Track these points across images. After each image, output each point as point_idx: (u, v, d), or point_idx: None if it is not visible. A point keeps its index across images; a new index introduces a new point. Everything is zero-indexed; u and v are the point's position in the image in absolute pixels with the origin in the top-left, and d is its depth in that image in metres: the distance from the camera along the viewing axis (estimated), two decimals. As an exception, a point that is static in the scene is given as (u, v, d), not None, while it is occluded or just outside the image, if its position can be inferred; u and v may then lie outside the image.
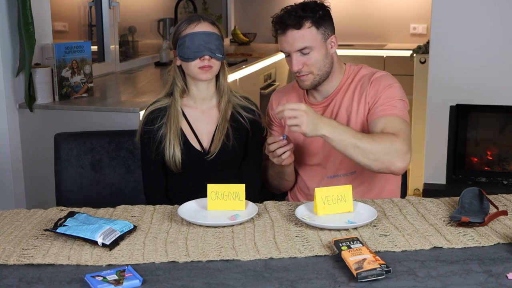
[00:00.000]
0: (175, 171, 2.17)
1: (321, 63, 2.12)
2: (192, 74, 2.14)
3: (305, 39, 2.08)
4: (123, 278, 1.44)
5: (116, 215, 1.89)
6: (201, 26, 2.12)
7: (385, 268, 1.46)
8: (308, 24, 2.08)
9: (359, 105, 2.15)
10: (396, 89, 2.13)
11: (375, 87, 2.13)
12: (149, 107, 2.22)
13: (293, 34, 2.09)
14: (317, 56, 2.10)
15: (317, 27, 2.09)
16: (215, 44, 2.11)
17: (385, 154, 1.93)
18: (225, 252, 1.60)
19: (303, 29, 2.08)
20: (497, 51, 3.79)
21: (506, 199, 2.00)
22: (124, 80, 4.04)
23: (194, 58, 2.10)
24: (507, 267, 1.51)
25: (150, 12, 5.47)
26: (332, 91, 2.20)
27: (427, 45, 4.38)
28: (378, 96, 2.11)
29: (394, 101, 2.10)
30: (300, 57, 2.10)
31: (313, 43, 2.09)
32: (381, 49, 5.96)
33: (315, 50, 2.10)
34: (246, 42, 6.51)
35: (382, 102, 2.10)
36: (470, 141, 4.05)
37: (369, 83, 2.15)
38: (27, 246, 1.65)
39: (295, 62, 2.11)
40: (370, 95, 2.13)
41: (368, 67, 2.24)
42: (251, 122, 2.22)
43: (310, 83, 2.15)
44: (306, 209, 1.88)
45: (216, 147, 2.16)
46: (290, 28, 2.08)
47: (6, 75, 3.00)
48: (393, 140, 1.95)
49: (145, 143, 2.19)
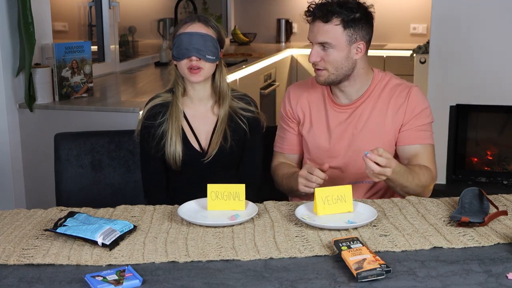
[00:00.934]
0: (174, 169, 2.16)
1: (338, 64, 2.09)
2: (183, 75, 2.15)
3: (328, 34, 2.06)
4: (123, 278, 1.44)
5: (116, 215, 1.88)
6: (194, 27, 2.12)
7: (385, 268, 1.46)
8: (336, 21, 2.05)
9: (394, 116, 2.14)
10: (429, 111, 2.18)
11: (413, 105, 2.14)
12: (150, 101, 2.22)
13: (319, 26, 2.07)
14: (336, 56, 2.07)
15: (344, 27, 2.05)
16: (205, 46, 2.10)
17: (424, 188, 2.09)
18: (225, 252, 1.60)
19: (330, 24, 2.05)
20: (497, 51, 3.79)
21: (506, 199, 2.00)
22: (124, 80, 4.04)
23: (182, 58, 2.10)
24: (507, 267, 1.51)
25: (150, 12, 5.47)
26: (359, 95, 2.17)
27: (427, 45, 4.39)
28: (414, 117, 2.13)
29: (427, 126, 2.15)
30: (320, 50, 2.09)
31: (334, 41, 2.06)
32: (381, 49, 5.96)
33: (335, 49, 2.07)
34: (246, 42, 6.51)
35: (417, 126, 2.13)
36: (470, 141, 4.05)
37: (407, 98, 2.14)
38: (27, 246, 1.65)
39: (313, 53, 2.09)
40: (408, 112, 2.14)
41: (395, 76, 2.24)
42: (249, 121, 2.21)
43: (324, 79, 2.12)
44: (306, 209, 1.88)
45: (214, 150, 2.16)
46: (318, 19, 2.07)
47: (6, 75, 3.00)
48: (431, 176, 2.11)
49: (145, 137, 2.18)
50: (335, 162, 2.19)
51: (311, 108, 2.24)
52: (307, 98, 2.25)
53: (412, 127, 2.13)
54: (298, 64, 6.19)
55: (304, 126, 2.25)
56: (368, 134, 2.15)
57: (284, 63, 6.05)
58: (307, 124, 2.25)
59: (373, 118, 2.16)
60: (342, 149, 2.18)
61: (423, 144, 2.14)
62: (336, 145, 2.19)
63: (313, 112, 2.24)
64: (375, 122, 2.15)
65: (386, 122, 2.15)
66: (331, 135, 2.19)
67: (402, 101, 2.14)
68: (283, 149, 2.32)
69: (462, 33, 3.82)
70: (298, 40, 6.60)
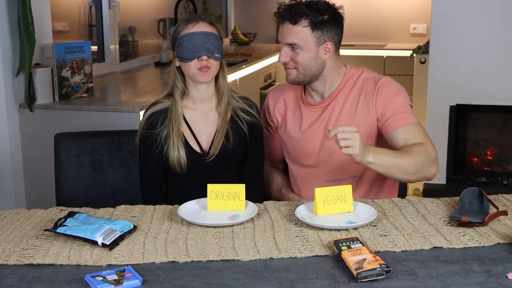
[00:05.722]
0: (180, 173, 2.15)
1: (307, 64, 2.11)
2: (191, 76, 2.13)
3: (296, 36, 2.08)
4: (123, 278, 1.44)
5: (116, 215, 1.88)
6: (199, 26, 2.11)
7: (385, 268, 1.46)
8: (305, 23, 2.07)
9: (365, 110, 2.13)
10: (403, 95, 2.15)
11: (382, 94, 2.12)
12: (148, 109, 2.21)
13: (288, 27, 2.09)
14: (304, 56, 2.10)
15: (312, 29, 2.08)
16: (213, 44, 2.09)
17: (423, 165, 1.99)
18: (225, 252, 1.60)
19: (298, 26, 2.08)
20: (497, 51, 3.79)
21: (506, 199, 2.00)
22: (124, 80, 4.04)
23: (192, 58, 2.09)
24: (507, 267, 1.51)
25: (150, 12, 5.47)
26: (330, 92, 2.19)
27: (427, 45, 4.39)
28: (388, 105, 2.11)
29: (406, 107, 2.12)
30: (289, 50, 2.11)
31: (302, 43, 2.08)
32: (381, 49, 5.96)
33: (303, 50, 2.09)
34: (246, 42, 6.51)
35: (394, 112, 2.10)
36: (470, 141, 4.04)
37: (375, 90, 2.13)
38: (27, 246, 1.65)
39: (282, 53, 2.12)
40: (378, 103, 2.12)
41: (369, 70, 2.23)
42: (249, 124, 2.21)
43: (293, 78, 2.15)
44: (306, 209, 1.88)
45: (216, 149, 2.15)
46: (287, 21, 2.09)
47: (6, 75, 3.00)
48: (426, 150, 2.01)
49: (148, 146, 2.17)
50: (311, 161, 2.22)
51: (287, 109, 2.27)
52: (284, 99, 2.29)
53: (391, 115, 2.10)
54: (298, 64, 6.19)
55: (282, 128, 2.28)
56: None
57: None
58: (283, 125, 2.28)
59: (344, 115, 2.15)
60: (316, 147, 2.19)
61: (408, 125, 2.09)
62: (310, 144, 2.20)
63: (289, 112, 2.27)
64: (346, 118, 2.15)
65: (357, 117, 2.14)
66: (304, 134, 2.21)
67: (371, 94, 2.13)
68: (267, 154, 2.34)
69: (462, 33, 3.82)
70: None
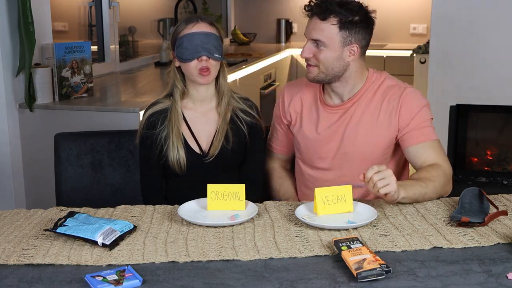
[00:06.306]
0: (179, 173, 2.15)
1: (329, 63, 2.06)
2: (191, 77, 2.12)
3: (322, 33, 2.04)
4: (123, 278, 1.44)
5: (116, 215, 1.88)
6: (199, 27, 2.10)
7: (385, 268, 1.46)
8: (333, 21, 2.02)
9: (387, 118, 2.10)
10: (428, 109, 2.13)
11: (408, 106, 2.09)
12: (148, 109, 2.20)
13: (315, 22, 2.05)
14: (327, 55, 2.05)
15: (340, 28, 2.03)
16: (213, 45, 2.08)
17: (443, 188, 2.02)
18: (225, 252, 1.60)
19: (326, 22, 2.03)
20: (497, 51, 3.79)
21: (506, 199, 2.00)
22: (124, 80, 4.04)
23: (192, 59, 2.08)
24: (507, 267, 1.51)
25: (150, 12, 5.47)
26: (350, 96, 2.14)
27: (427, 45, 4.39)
28: (412, 117, 2.08)
29: (428, 122, 2.10)
30: (312, 46, 2.07)
31: (328, 41, 2.04)
32: (381, 49, 5.96)
33: (327, 48, 2.05)
34: (246, 42, 6.52)
35: (417, 125, 2.08)
36: (470, 141, 4.04)
37: (400, 99, 2.09)
38: (27, 246, 1.65)
39: (306, 49, 2.08)
40: (403, 113, 2.08)
41: (391, 76, 2.19)
42: (249, 125, 2.20)
43: (314, 76, 2.10)
44: (306, 209, 1.88)
45: (216, 150, 2.14)
46: (316, 15, 2.05)
47: (6, 75, 3.00)
48: (444, 172, 2.04)
49: (148, 146, 2.17)
50: (325, 164, 2.18)
51: (304, 108, 2.23)
52: (300, 97, 2.24)
53: (413, 128, 2.08)
54: (298, 64, 6.19)
55: (296, 126, 2.24)
56: (358, 136, 2.12)
57: (284, 63, 6.05)
58: (298, 123, 2.23)
59: (364, 121, 2.12)
60: (331, 151, 2.16)
61: (429, 142, 2.08)
62: (325, 146, 2.16)
63: (305, 111, 2.22)
64: (366, 125, 2.11)
65: (378, 125, 2.11)
66: (320, 136, 2.17)
67: (395, 104, 2.10)
68: (275, 149, 2.33)
69: (462, 33, 3.81)
70: (298, 40, 6.60)
